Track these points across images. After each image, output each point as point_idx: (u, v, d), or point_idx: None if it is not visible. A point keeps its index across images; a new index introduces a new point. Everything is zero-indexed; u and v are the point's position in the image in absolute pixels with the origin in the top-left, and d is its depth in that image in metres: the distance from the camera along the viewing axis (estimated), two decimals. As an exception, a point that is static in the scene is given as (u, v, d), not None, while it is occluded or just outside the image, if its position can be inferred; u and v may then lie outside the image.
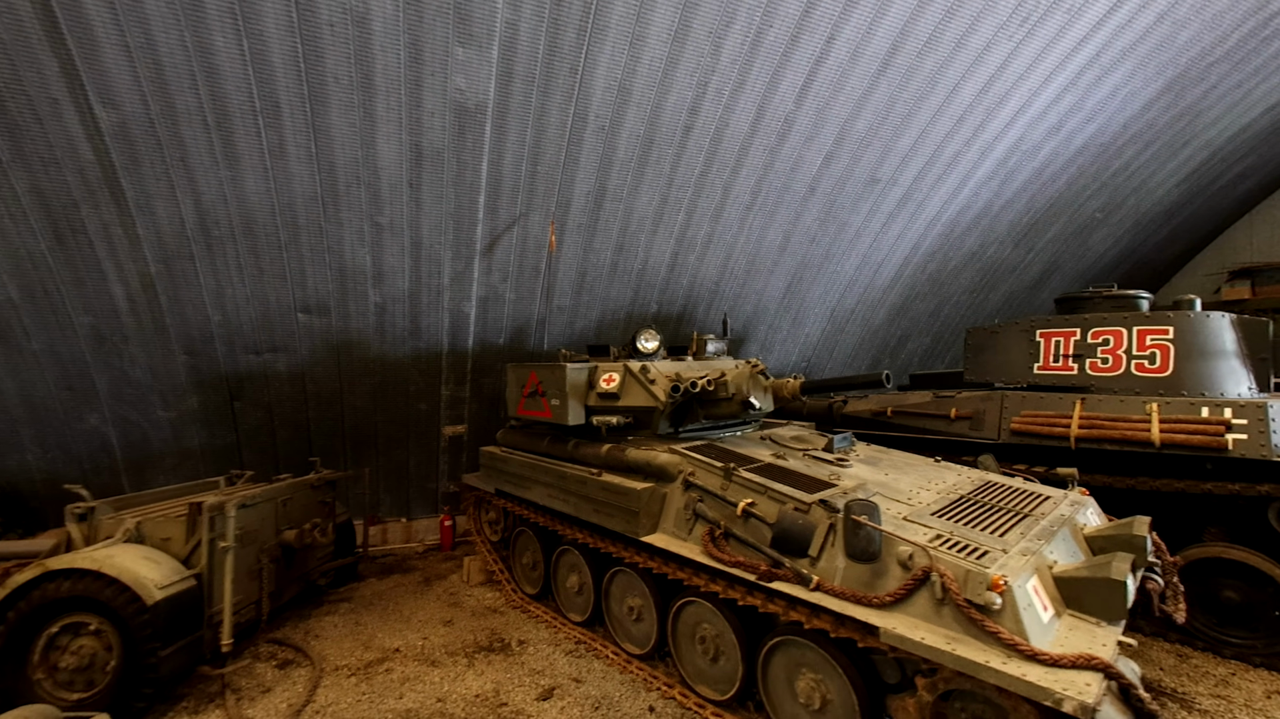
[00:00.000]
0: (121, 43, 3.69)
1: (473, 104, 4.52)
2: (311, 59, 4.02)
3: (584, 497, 3.93)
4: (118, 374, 5.20)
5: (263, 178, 4.52)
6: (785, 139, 5.51)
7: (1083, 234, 7.90)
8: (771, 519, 3.00)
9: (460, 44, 4.17)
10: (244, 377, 5.56)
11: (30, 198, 4.21)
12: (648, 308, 6.65)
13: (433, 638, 4.27)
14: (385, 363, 5.95)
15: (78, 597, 3.16)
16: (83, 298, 4.75)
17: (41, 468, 5.42)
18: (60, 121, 3.93)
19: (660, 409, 4.00)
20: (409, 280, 5.49)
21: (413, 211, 5.05)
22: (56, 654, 3.20)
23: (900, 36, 4.90)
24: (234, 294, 5.09)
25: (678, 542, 3.40)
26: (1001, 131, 6.10)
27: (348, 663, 3.93)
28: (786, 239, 6.52)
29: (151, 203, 4.44)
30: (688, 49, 4.59)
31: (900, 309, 8.01)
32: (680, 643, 3.55)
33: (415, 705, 3.39)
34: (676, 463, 3.64)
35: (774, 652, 3.01)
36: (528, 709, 3.33)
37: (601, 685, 3.58)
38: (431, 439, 6.64)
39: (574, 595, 4.40)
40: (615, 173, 5.33)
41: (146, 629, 3.16)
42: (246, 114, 4.17)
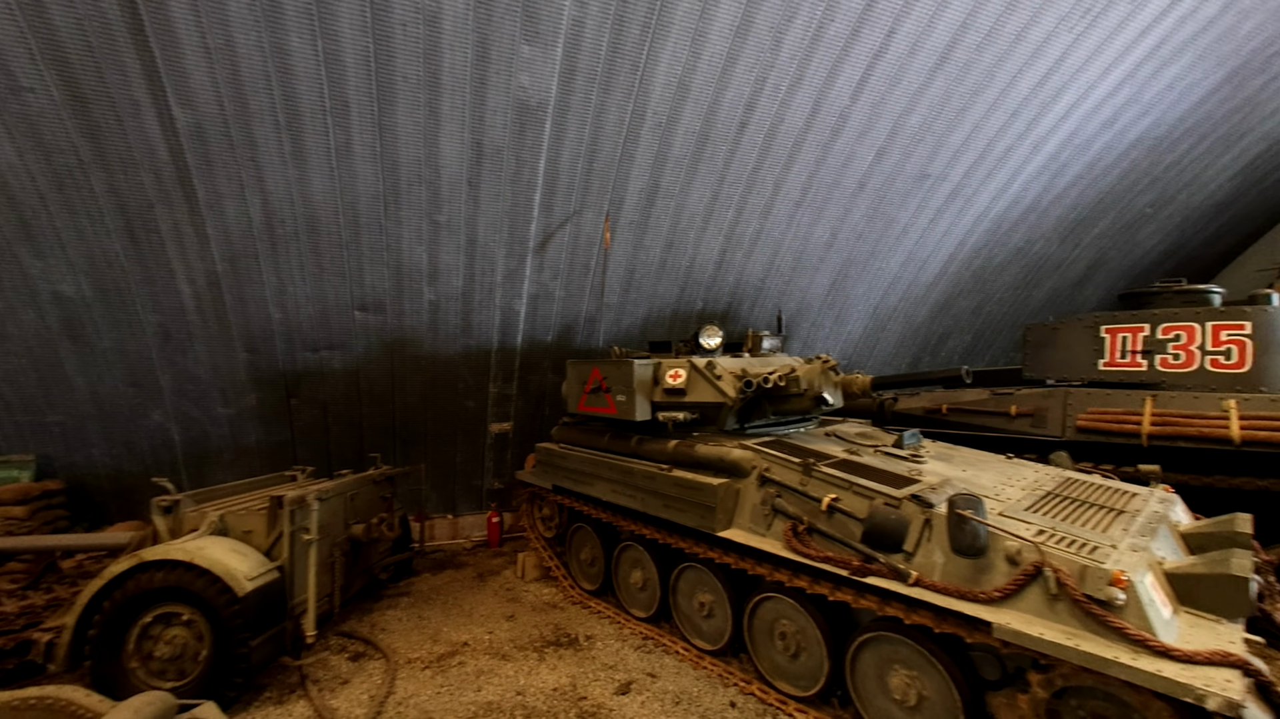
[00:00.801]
0: (202, 45, 3.76)
1: (535, 102, 4.55)
2: (382, 58, 4.06)
3: (652, 492, 3.94)
4: (181, 371, 5.30)
5: (328, 177, 4.58)
6: (839, 134, 5.48)
7: (1131, 229, 7.77)
8: (860, 514, 2.98)
9: (526, 42, 4.20)
10: (301, 374, 5.64)
11: (108, 198, 4.30)
12: (693, 305, 6.64)
13: (498, 632, 4.30)
14: (436, 360, 6.00)
15: (170, 587, 3.22)
16: (152, 296, 4.85)
17: (107, 463, 5.54)
18: (139, 123, 4.02)
19: (729, 405, 4.00)
20: (463, 278, 5.53)
21: (470, 209, 5.08)
22: (149, 643, 3.27)
23: (961, 30, 4.85)
24: (295, 292, 5.17)
25: (756, 537, 3.39)
26: (1055, 125, 6.02)
27: (419, 656, 3.97)
28: (834, 235, 6.48)
29: (221, 202, 4.52)
30: (749, 44, 4.58)
31: (943, 306, 7.93)
32: (757, 639, 3.54)
33: (495, 698, 3.41)
34: (750, 458, 3.64)
35: (863, 648, 2.99)
36: (608, 704, 3.34)
37: (677, 681, 3.58)
38: (478, 436, 6.69)
39: (637, 591, 4.41)
40: (669, 170, 5.33)
41: (237, 620, 3.21)
42: (316, 113, 4.23)
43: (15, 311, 4.65)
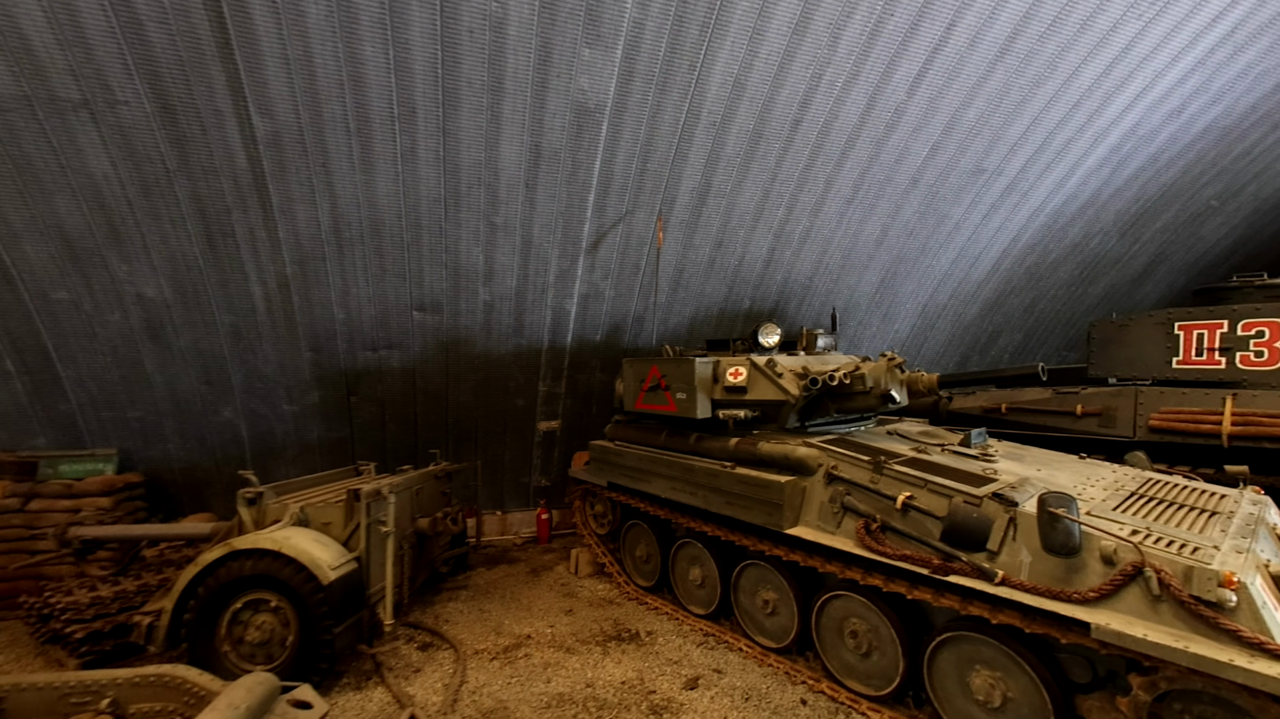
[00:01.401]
0: (282, 55, 3.92)
1: (593, 104, 4.61)
2: (449, 64, 4.17)
3: (715, 489, 3.95)
4: (250, 369, 5.52)
5: (393, 181, 4.72)
6: (893, 130, 5.41)
7: (1194, 223, 7.47)
8: (938, 513, 2.95)
9: (588, 45, 4.26)
10: (360, 372, 5.82)
11: (190, 204, 4.52)
12: (740, 304, 6.63)
13: (559, 626, 4.37)
14: (489, 359, 6.12)
15: (260, 575, 3.37)
16: (227, 298, 5.07)
17: (180, 457, 5.81)
18: (222, 131, 4.21)
19: (791, 403, 3.99)
20: (516, 278, 5.63)
21: (526, 211, 5.18)
22: (239, 628, 3.43)
23: (1023, 20, 4.74)
24: (357, 293, 5.34)
25: (825, 534, 3.38)
26: (1118, 117, 5.83)
27: (485, 647, 4.06)
28: (884, 233, 6.40)
29: (293, 207, 4.70)
30: (806, 41, 4.56)
31: (994, 304, 7.75)
32: (825, 637, 3.52)
33: (566, 690, 3.47)
34: (816, 456, 3.63)
35: (942, 648, 2.96)
36: (677, 698, 3.37)
37: (744, 677, 3.59)
38: (527, 434, 6.80)
39: (695, 588, 4.43)
40: (721, 168, 5.34)
41: (323, 607, 3.34)
42: (385, 120, 4.37)
43: (103, 312, 4.91)
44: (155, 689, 2.50)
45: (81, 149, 4.11)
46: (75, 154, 4.12)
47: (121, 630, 3.95)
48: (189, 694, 2.50)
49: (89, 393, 5.27)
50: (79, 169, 4.19)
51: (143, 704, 2.48)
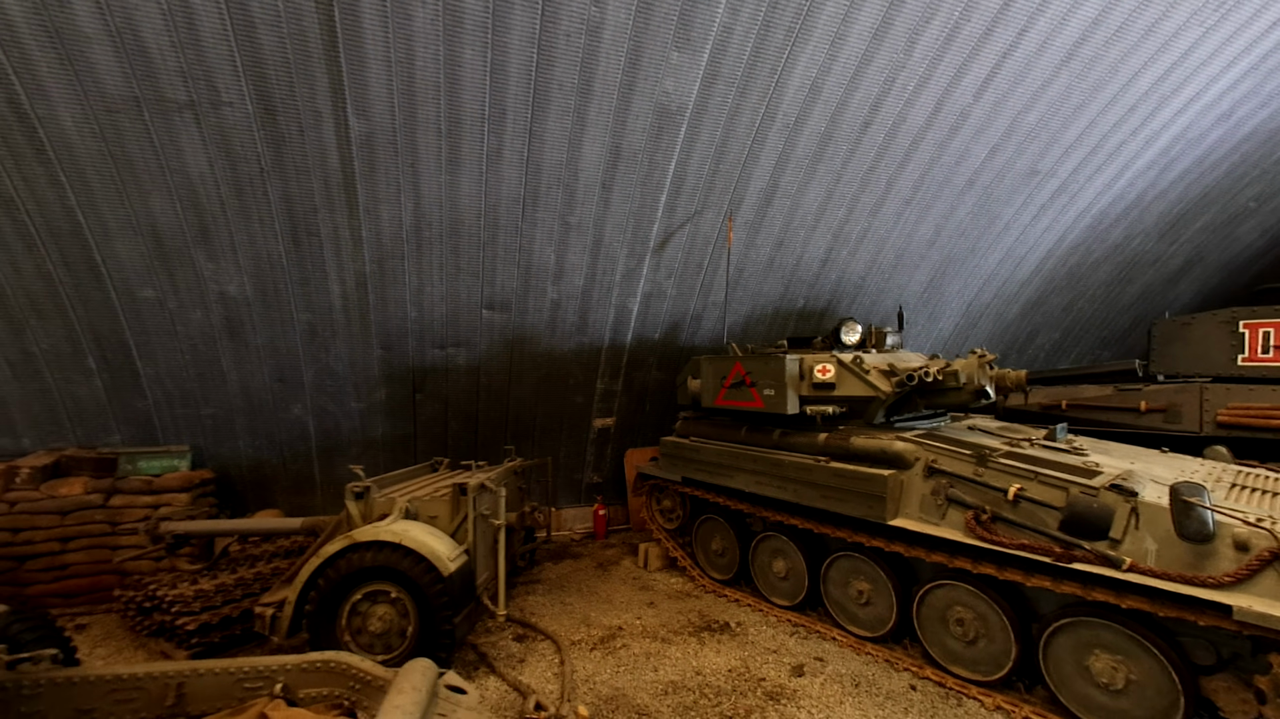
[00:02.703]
0: (385, 57, 3.99)
1: (675, 106, 4.70)
2: (543, 67, 4.26)
3: (808, 483, 4.05)
4: (322, 367, 5.58)
5: (477, 181, 4.80)
6: (957, 132, 5.53)
7: (1232, 224, 7.63)
8: (1055, 503, 3.06)
9: (677, 48, 4.35)
10: (427, 370, 5.89)
11: (280, 204, 4.58)
12: (795, 303, 6.74)
13: (645, 618, 4.46)
14: (551, 357, 6.21)
15: (380, 567, 3.44)
16: (305, 296, 5.13)
17: (249, 454, 5.87)
18: (319, 132, 4.28)
19: (881, 399, 4.10)
20: (584, 277, 5.72)
21: (600, 211, 5.27)
22: (357, 619, 3.50)
23: (1092, 26, 4.86)
24: (431, 292, 5.41)
25: (930, 526, 3.49)
26: (1170, 120, 5.96)
27: (579, 638, 4.15)
28: (937, 233, 6.52)
29: (378, 207, 4.77)
30: (884, 46, 4.67)
31: (1035, 304, 7.89)
32: (926, 626, 3.63)
33: (676, 678, 3.57)
34: (913, 450, 3.73)
35: (1058, 633, 3.07)
36: (788, 685, 3.47)
37: (846, 665, 3.69)
38: (582, 431, 6.89)
39: (778, 580, 4.53)
40: (790, 170, 5.45)
41: (443, 598, 3.42)
42: (476, 121, 4.45)
43: (186, 310, 4.97)
44: (322, 674, 2.58)
45: (182, 149, 4.17)
46: (175, 154, 4.18)
47: (227, 623, 4.03)
48: (354, 679, 2.58)
49: (165, 390, 5.33)
50: (177, 169, 4.25)
51: (310, 689, 2.56)
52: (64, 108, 3.84)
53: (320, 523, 4.54)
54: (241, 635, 4.07)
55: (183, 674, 2.46)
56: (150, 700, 2.42)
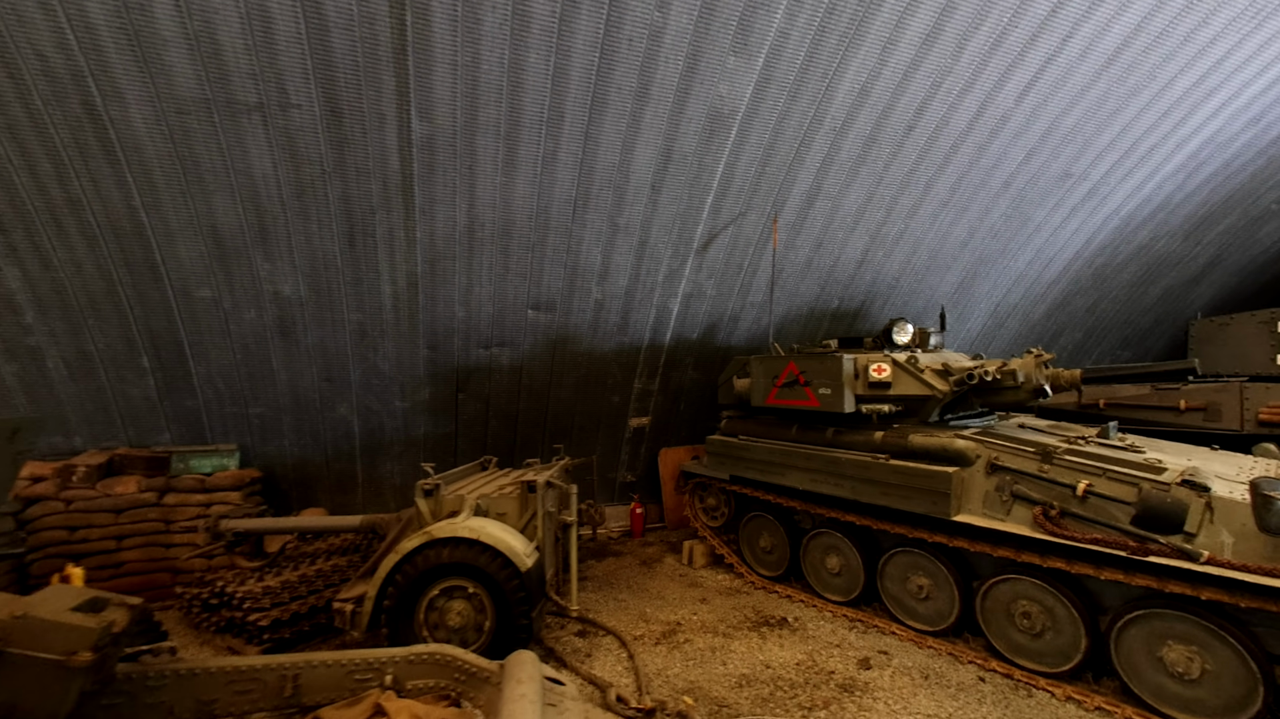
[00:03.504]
0: (452, 61, 4.05)
1: (728, 110, 4.77)
2: (604, 70, 4.32)
3: (867, 480, 4.13)
4: (369, 367, 5.63)
5: (531, 183, 4.86)
6: (996, 136, 5.62)
7: (1254, 226, 7.76)
8: (1126, 499, 3.15)
9: (734, 53, 4.43)
10: (471, 369, 5.95)
11: (339, 205, 4.63)
12: (829, 303, 6.82)
13: (701, 614, 4.53)
14: (592, 357, 6.27)
15: (457, 563, 3.50)
16: (357, 296, 5.18)
17: (294, 453, 5.91)
18: (381, 134, 4.33)
19: (938, 398, 4.18)
20: (628, 278, 5.79)
21: (648, 212, 5.34)
22: (434, 614, 3.55)
23: (1134, 33, 4.96)
24: (479, 292, 5.47)
25: (995, 521, 3.56)
26: (1201, 124, 6.07)
27: (641, 633, 4.21)
28: (971, 234, 6.61)
29: (434, 208, 4.82)
30: (933, 51, 4.75)
31: (1060, 304, 8.00)
32: (990, 619, 3.71)
33: (747, 671, 3.64)
34: (974, 448, 3.81)
35: (1130, 625, 3.15)
36: (858, 677, 3.54)
37: (910, 658, 3.77)
38: (618, 430, 6.95)
39: (831, 577, 4.61)
40: (833, 172, 5.53)
41: (520, 593, 3.48)
42: (535, 124, 4.51)
43: (240, 310, 5.01)
44: (428, 667, 2.64)
45: (247, 150, 4.22)
46: (241, 155, 4.23)
47: (296, 618, 4.07)
48: (459, 671, 2.65)
49: (215, 389, 5.36)
50: (242, 170, 4.30)
51: (417, 680, 2.62)
52: (136, 109, 3.88)
53: (379, 520, 4.59)
54: (310, 631, 4.11)
55: (297, 666, 2.51)
56: (268, 692, 2.47)
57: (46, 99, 3.72)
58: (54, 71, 3.63)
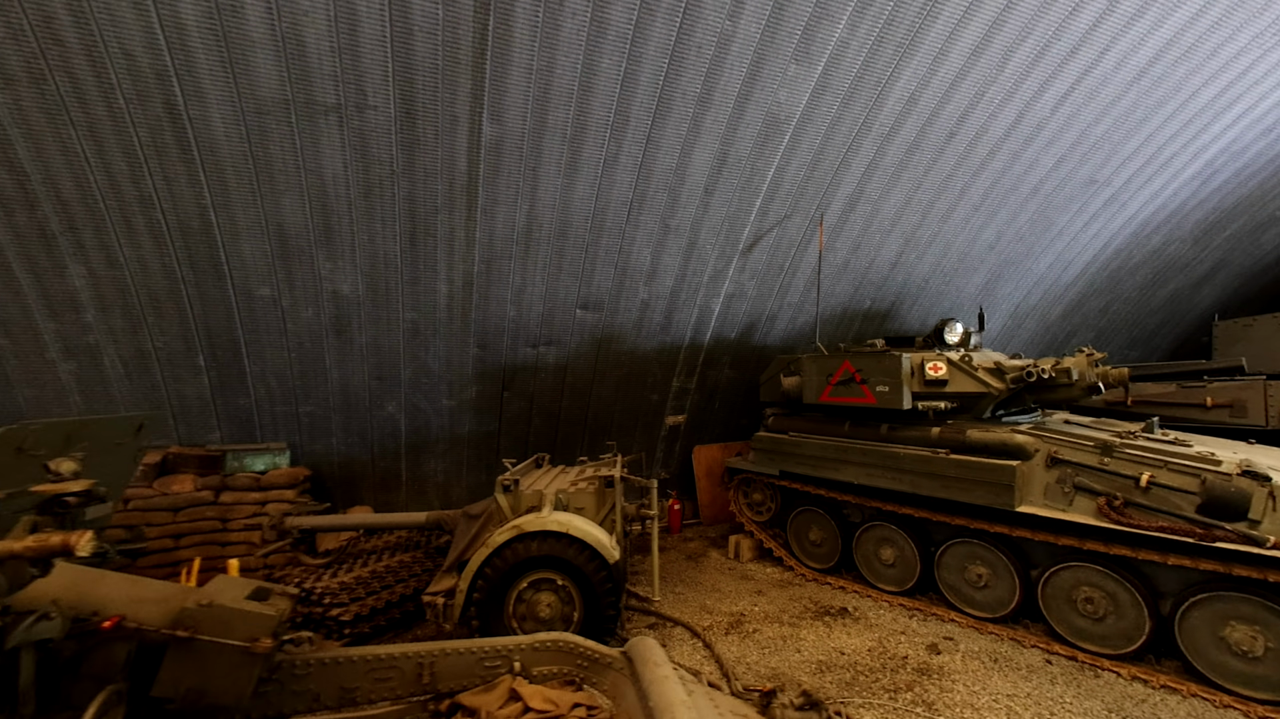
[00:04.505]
0: (528, 65, 4.13)
1: (784, 115, 4.91)
2: (671, 76, 4.43)
3: (927, 474, 4.29)
4: (420, 365, 5.68)
5: (591, 185, 4.96)
6: (1030, 143, 5.83)
7: (1258, 231, 8.11)
8: (1187, 489, 3.34)
9: (795, 61, 4.56)
10: (517, 368, 6.02)
11: (404, 205, 4.69)
12: (862, 304, 7.01)
13: (761, 605, 4.66)
14: (634, 356, 6.37)
15: (545, 556, 3.59)
16: (414, 295, 5.23)
17: (341, 451, 5.93)
18: (452, 136, 4.40)
19: (994, 395, 4.36)
20: (675, 278, 5.90)
21: (699, 214, 5.46)
22: (522, 607, 3.64)
23: (1166, 46, 5.19)
24: (531, 291, 5.54)
25: (1058, 511, 3.75)
26: (1220, 134, 6.36)
27: (708, 624, 4.33)
28: (999, 238, 6.84)
29: (495, 208, 4.89)
30: (980, 62, 4.94)
31: (1076, 305, 8.29)
32: (1051, 605, 3.89)
33: (822, 658, 3.78)
34: (1033, 442, 3.99)
35: (1192, 608, 3.35)
36: (931, 662, 3.70)
37: (975, 643, 3.94)
38: (655, 428, 7.06)
39: (885, 568, 4.77)
40: (876, 177, 5.70)
41: (607, 584, 3.58)
42: (600, 127, 4.61)
43: (298, 308, 5.03)
44: (552, 654, 2.73)
45: (320, 151, 4.26)
46: (314, 155, 4.27)
47: (373, 613, 4.13)
48: (581, 657, 2.74)
49: (268, 388, 5.37)
50: (313, 170, 4.33)
51: (542, 667, 2.71)
52: (216, 109, 3.91)
53: (445, 516, 4.66)
54: (387, 625, 4.17)
55: (432, 654, 2.59)
56: (405, 679, 2.55)
57: (129, 98, 3.74)
58: (140, 71, 3.65)
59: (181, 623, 1.90)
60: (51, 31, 3.41)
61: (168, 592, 2.01)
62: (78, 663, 1.80)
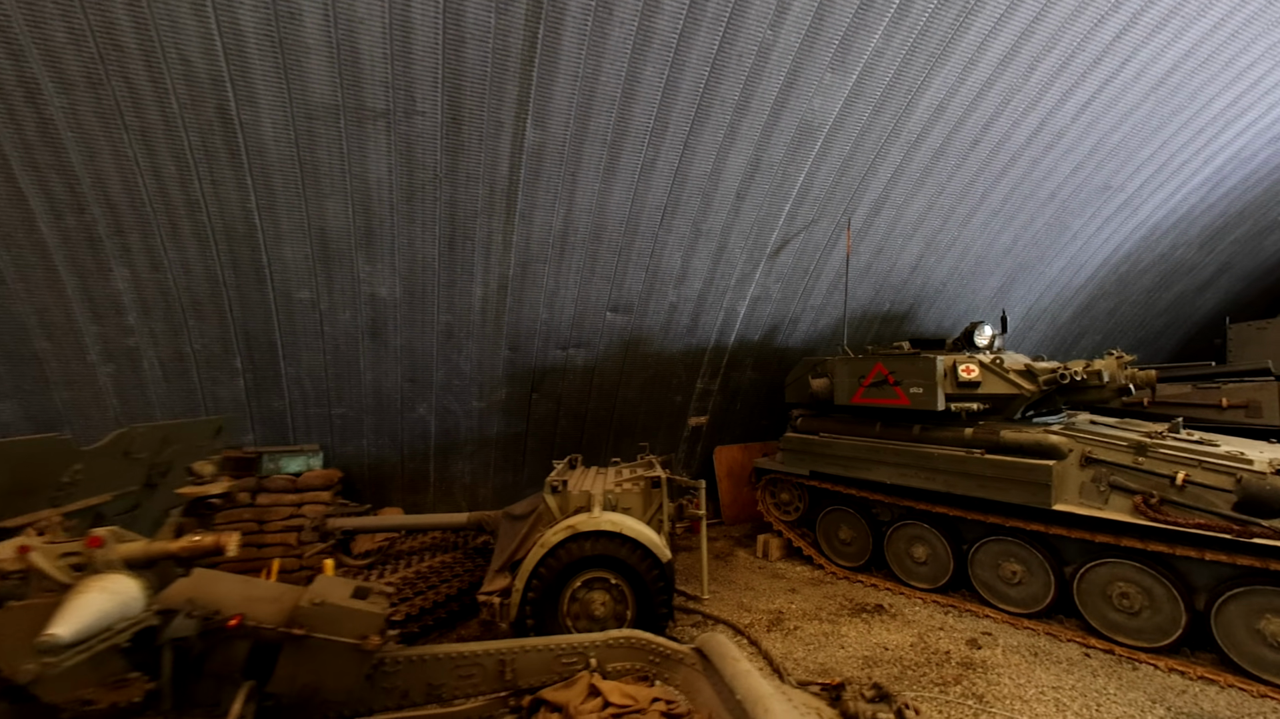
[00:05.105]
0: (574, 72, 4.20)
1: (817, 122, 5.01)
2: (711, 84, 4.52)
3: (961, 473, 4.40)
4: (452, 368, 5.72)
5: (627, 190, 5.03)
6: (1050, 150, 5.97)
7: (1261, 236, 8.32)
8: (1222, 487, 3.47)
9: (831, 70, 4.66)
10: (547, 370, 6.07)
11: (445, 209, 4.73)
12: (881, 306, 7.12)
13: (797, 602, 4.75)
14: (660, 358, 6.45)
15: (599, 555, 3.66)
16: (449, 298, 5.28)
17: (372, 453, 5.95)
18: (496, 141, 4.45)
19: (1025, 396, 4.47)
20: (702, 281, 5.99)
21: (730, 219, 5.54)
22: (576, 605, 3.70)
23: (1184, 57, 5.35)
24: (563, 294, 5.61)
25: (1094, 509, 3.86)
26: (1230, 141, 6.54)
27: (750, 622, 4.41)
28: (1015, 242, 6.98)
29: (533, 213, 4.95)
30: (1008, 72, 5.06)
31: (1085, 308, 8.46)
32: (1086, 601, 4.01)
33: (866, 653, 3.87)
34: (1066, 442, 4.11)
35: (1228, 602, 3.47)
36: (973, 656, 3.80)
37: (1013, 637, 4.04)
38: (677, 429, 7.14)
39: (917, 565, 4.87)
40: (902, 183, 5.81)
41: (660, 583, 3.65)
42: (640, 133, 4.68)
43: (335, 311, 5.06)
44: (625, 650, 2.80)
45: (366, 155, 4.30)
46: (360, 160, 4.31)
47: (421, 612, 4.17)
48: (653, 653, 2.81)
49: (302, 390, 5.40)
50: (359, 174, 4.37)
51: (615, 663, 2.78)
52: (267, 114, 3.94)
53: (486, 517, 4.71)
54: (433, 625, 4.21)
55: (511, 651, 2.65)
56: (488, 675, 2.61)
57: (183, 103, 3.76)
58: (195, 76, 3.68)
59: (296, 621, 1.95)
60: (112, 37, 3.43)
61: (277, 591, 2.06)
62: (200, 661, 1.84)
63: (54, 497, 1.89)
